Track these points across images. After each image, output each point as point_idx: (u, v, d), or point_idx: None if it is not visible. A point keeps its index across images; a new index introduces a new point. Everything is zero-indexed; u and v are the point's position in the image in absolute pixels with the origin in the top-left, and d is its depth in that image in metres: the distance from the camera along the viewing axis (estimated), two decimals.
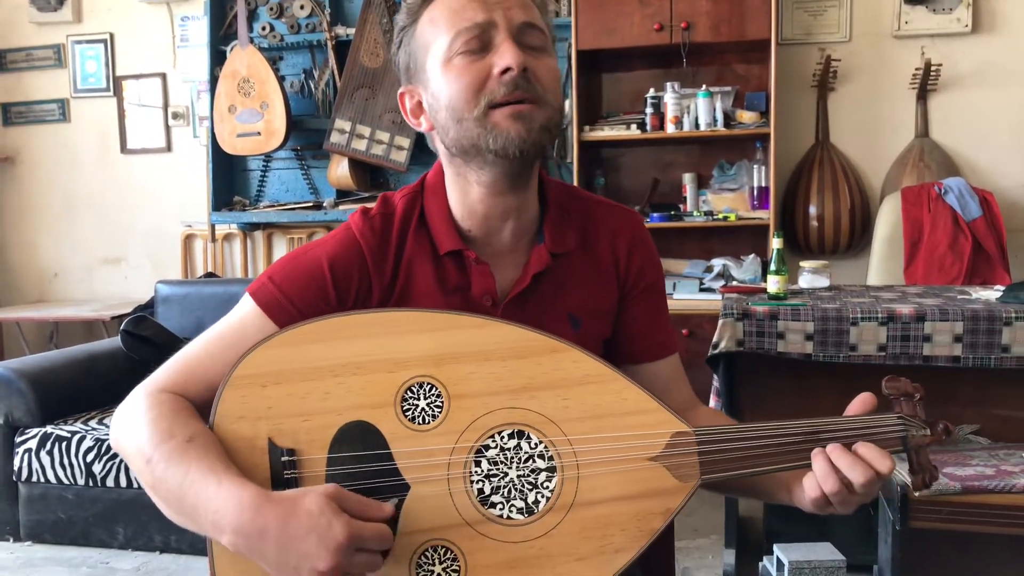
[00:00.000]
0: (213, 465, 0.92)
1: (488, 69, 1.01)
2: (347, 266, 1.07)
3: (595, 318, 1.14)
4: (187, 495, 0.92)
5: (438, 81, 1.03)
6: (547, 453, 0.95)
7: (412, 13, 1.07)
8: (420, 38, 1.06)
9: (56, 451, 2.88)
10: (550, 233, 1.11)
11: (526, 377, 0.96)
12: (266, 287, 1.06)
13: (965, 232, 3.39)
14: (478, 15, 1.01)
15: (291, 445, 0.95)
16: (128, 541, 2.90)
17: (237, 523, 0.88)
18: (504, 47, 1.00)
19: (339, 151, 3.93)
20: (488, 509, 0.95)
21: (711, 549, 2.76)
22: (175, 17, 4.41)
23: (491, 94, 1.00)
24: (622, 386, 0.97)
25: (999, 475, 1.93)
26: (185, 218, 4.46)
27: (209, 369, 1.02)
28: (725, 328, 2.32)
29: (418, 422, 0.95)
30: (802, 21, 3.80)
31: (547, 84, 1.03)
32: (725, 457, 0.95)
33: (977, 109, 3.69)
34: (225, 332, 1.06)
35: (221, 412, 0.97)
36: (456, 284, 1.09)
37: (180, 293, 3.50)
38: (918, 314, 2.22)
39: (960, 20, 3.65)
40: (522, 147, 1.00)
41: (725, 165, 3.82)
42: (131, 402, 1.03)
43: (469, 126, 1.02)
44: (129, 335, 3.18)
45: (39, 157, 4.65)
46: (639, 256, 1.17)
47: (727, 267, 3.58)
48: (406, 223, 1.10)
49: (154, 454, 0.95)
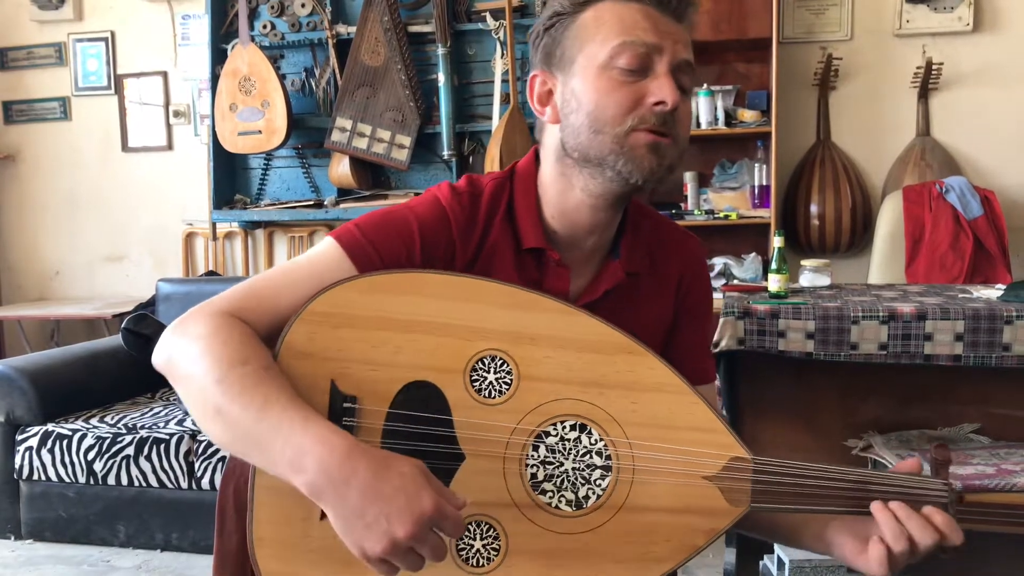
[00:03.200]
0: (294, 400, 0.88)
1: (642, 94, 1.01)
2: (435, 232, 1.06)
3: (653, 339, 1.14)
4: (263, 425, 0.87)
5: (587, 84, 1.02)
6: (606, 451, 0.95)
7: (576, 3, 1.05)
8: (578, 30, 1.04)
9: (57, 449, 2.88)
10: (627, 251, 1.12)
11: (599, 372, 0.96)
12: (352, 233, 1.04)
13: (966, 231, 3.39)
14: (649, 35, 1.01)
15: (354, 392, 0.94)
16: (129, 539, 2.90)
17: (324, 465, 0.84)
18: (664, 80, 1.00)
19: (340, 149, 3.93)
20: (538, 495, 0.94)
21: (712, 548, 2.75)
22: (176, 15, 4.41)
23: (639, 119, 1.00)
24: (692, 401, 0.97)
25: (1000, 474, 1.93)
26: (186, 216, 4.46)
27: (281, 299, 0.98)
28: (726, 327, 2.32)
29: (484, 395, 0.95)
30: (803, 20, 3.79)
31: (684, 126, 1.05)
32: (778, 490, 0.95)
33: (978, 108, 3.69)
34: (302, 266, 1.02)
35: (288, 343, 0.94)
36: (532, 280, 1.08)
37: (181, 291, 3.51)
38: (919, 313, 2.22)
39: (961, 19, 3.65)
40: (647, 178, 1.02)
41: (726, 164, 3.81)
42: (191, 321, 0.96)
43: (606, 140, 1.01)
44: (130, 333, 3.18)
45: (40, 155, 4.65)
46: (699, 285, 1.19)
47: (728, 266, 3.58)
48: (493, 208, 1.09)
49: (228, 374, 0.89)
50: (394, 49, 3.84)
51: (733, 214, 3.63)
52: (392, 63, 3.86)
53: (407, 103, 3.86)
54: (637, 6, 1.02)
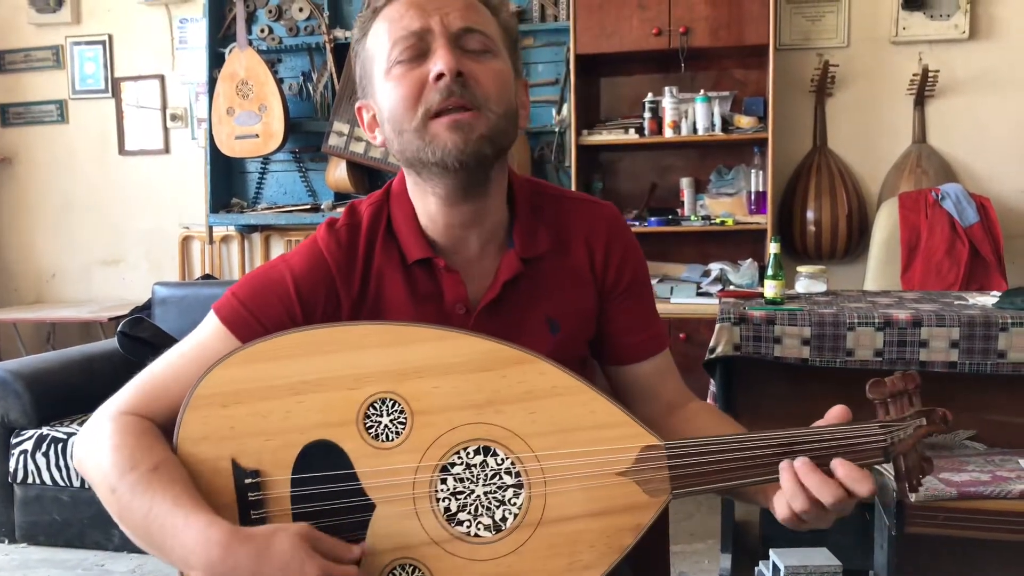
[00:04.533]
0: (178, 498, 0.91)
1: (424, 77, 0.98)
2: (313, 283, 1.04)
3: (575, 321, 1.11)
4: (153, 529, 0.91)
5: (382, 92, 1.02)
6: (514, 469, 0.94)
7: (362, 27, 1.05)
8: (369, 51, 1.04)
9: (52, 453, 2.88)
10: (520, 238, 1.08)
11: (490, 391, 0.94)
12: (230, 304, 1.04)
13: (962, 238, 3.40)
14: (414, 23, 0.99)
15: (255, 466, 0.94)
16: (123, 543, 2.89)
17: (207, 561, 0.87)
18: (439, 53, 0.97)
19: (337, 154, 3.93)
20: (455, 527, 0.93)
21: (707, 554, 2.76)
22: (174, 19, 4.41)
23: (428, 103, 0.97)
24: (590, 398, 0.95)
25: (995, 481, 1.93)
26: (183, 220, 4.46)
27: (172, 389, 1.00)
28: (722, 333, 2.32)
29: (381, 439, 0.94)
30: (800, 26, 3.80)
31: (489, 89, 0.99)
32: (696, 471, 0.92)
33: (974, 115, 3.70)
34: (188, 351, 1.03)
35: (183, 434, 0.95)
36: (427, 293, 1.06)
37: (177, 295, 3.50)
38: (915, 319, 2.23)
39: (958, 27, 3.66)
40: (460, 158, 0.97)
41: (723, 170, 3.82)
42: (94, 426, 1.00)
43: (410, 138, 0.99)
44: (126, 336, 3.18)
45: (37, 158, 4.65)
46: (616, 253, 1.13)
47: (724, 271, 3.59)
48: (373, 233, 1.08)
49: (119, 484, 0.93)
50: None
51: (729, 220, 3.64)
52: None
53: None
54: (400, 1, 1.01)
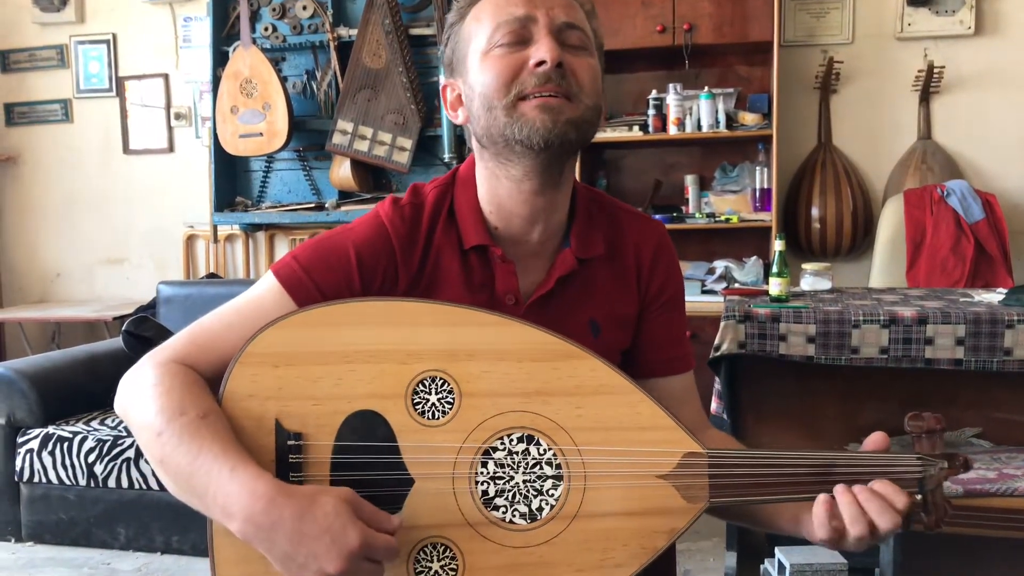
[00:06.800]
0: (226, 448, 0.91)
1: (524, 61, 1.02)
2: (374, 254, 1.06)
3: (616, 327, 1.14)
4: (197, 476, 0.90)
5: (475, 72, 1.04)
6: (555, 461, 0.94)
7: (461, 11, 1.09)
8: (465, 33, 1.07)
9: (58, 451, 2.88)
10: (577, 238, 1.11)
11: (540, 381, 0.95)
12: (290, 266, 1.05)
13: (967, 235, 3.39)
14: (519, 9, 1.02)
15: (298, 428, 0.94)
16: (129, 542, 2.90)
17: (249, 512, 0.87)
18: (543, 41, 1.01)
19: (341, 152, 3.93)
20: (491, 511, 0.94)
21: (712, 552, 2.76)
22: (178, 18, 4.41)
23: (522, 84, 1.01)
24: (638, 399, 0.96)
25: (1001, 478, 1.92)
26: (187, 219, 4.46)
27: (223, 343, 1.00)
28: (727, 330, 2.32)
29: (428, 417, 0.95)
30: (804, 23, 3.79)
31: (583, 82, 1.03)
32: (736, 482, 0.93)
33: (980, 111, 3.69)
34: (243, 307, 1.04)
35: (230, 388, 0.95)
36: (481, 281, 1.08)
37: (182, 294, 3.51)
38: (920, 317, 2.22)
39: (963, 22, 3.65)
40: (547, 137, 1.00)
41: (727, 167, 3.81)
42: (140, 371, 1.00)
43: (498, 115, 1.02)
44: (131, 336, 3.18)
45: (41, 157, 4.66)
46: (662, 266, 1.17)
47: (729, 269, 3.58)
48: (436, 214, 1.10)
49: (166, 429, 0.93)
50: (395, 52, 3.84)
51: (734, 217, 3.63)
52: (393, 66, 3.86)
53: (408, 106, 3.86)
54: None
